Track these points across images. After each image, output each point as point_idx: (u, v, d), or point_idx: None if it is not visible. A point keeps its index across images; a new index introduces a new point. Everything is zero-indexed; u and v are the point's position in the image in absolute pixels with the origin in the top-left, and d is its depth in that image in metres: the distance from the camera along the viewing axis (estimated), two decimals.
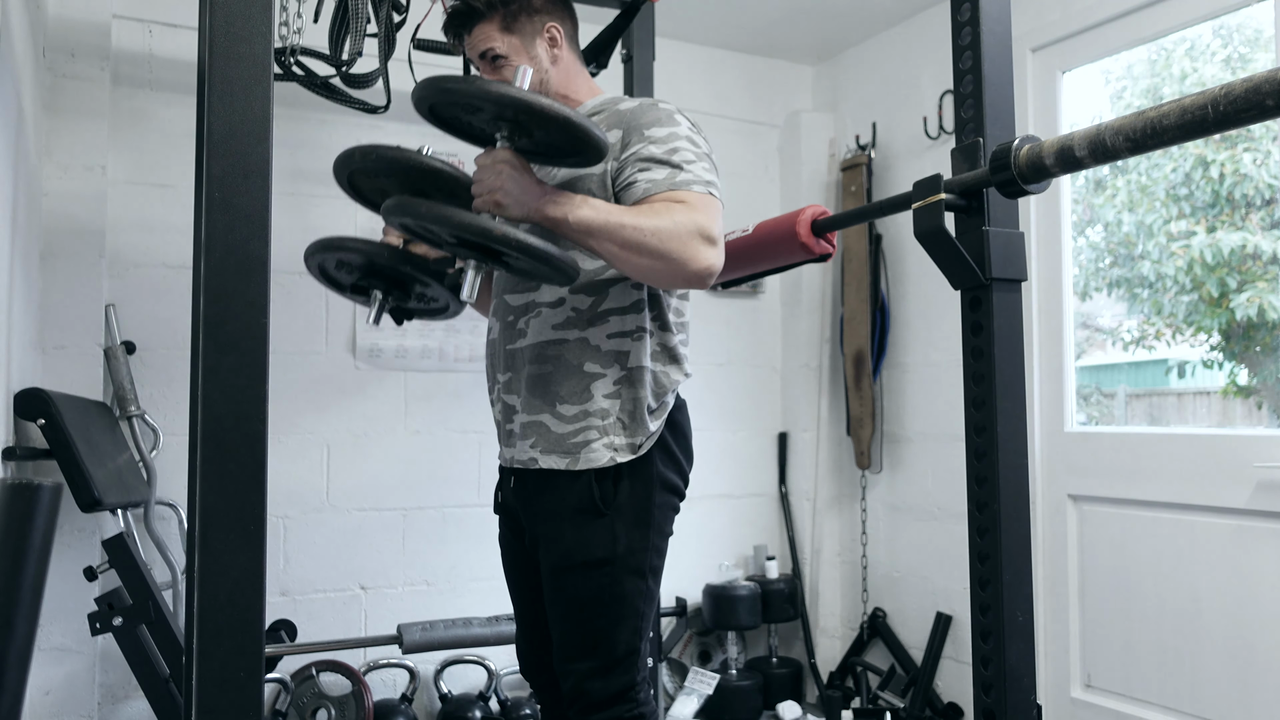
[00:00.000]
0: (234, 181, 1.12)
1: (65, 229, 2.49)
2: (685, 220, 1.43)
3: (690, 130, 1.56)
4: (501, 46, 1.65)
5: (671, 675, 3.38)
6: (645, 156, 1.51)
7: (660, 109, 1.56)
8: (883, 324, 3.45)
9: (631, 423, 1.58)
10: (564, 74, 1.71)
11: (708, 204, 1.48)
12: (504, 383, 1.67)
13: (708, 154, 1.56)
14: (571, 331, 1.58)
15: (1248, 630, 2.40)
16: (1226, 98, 1.06)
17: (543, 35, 1.68)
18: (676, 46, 3.58)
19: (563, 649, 1.60)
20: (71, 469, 2.09)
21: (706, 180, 1.51)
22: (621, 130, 1.55)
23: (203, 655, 1.07)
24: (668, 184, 1.48)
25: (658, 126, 1.53)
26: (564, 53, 1.71)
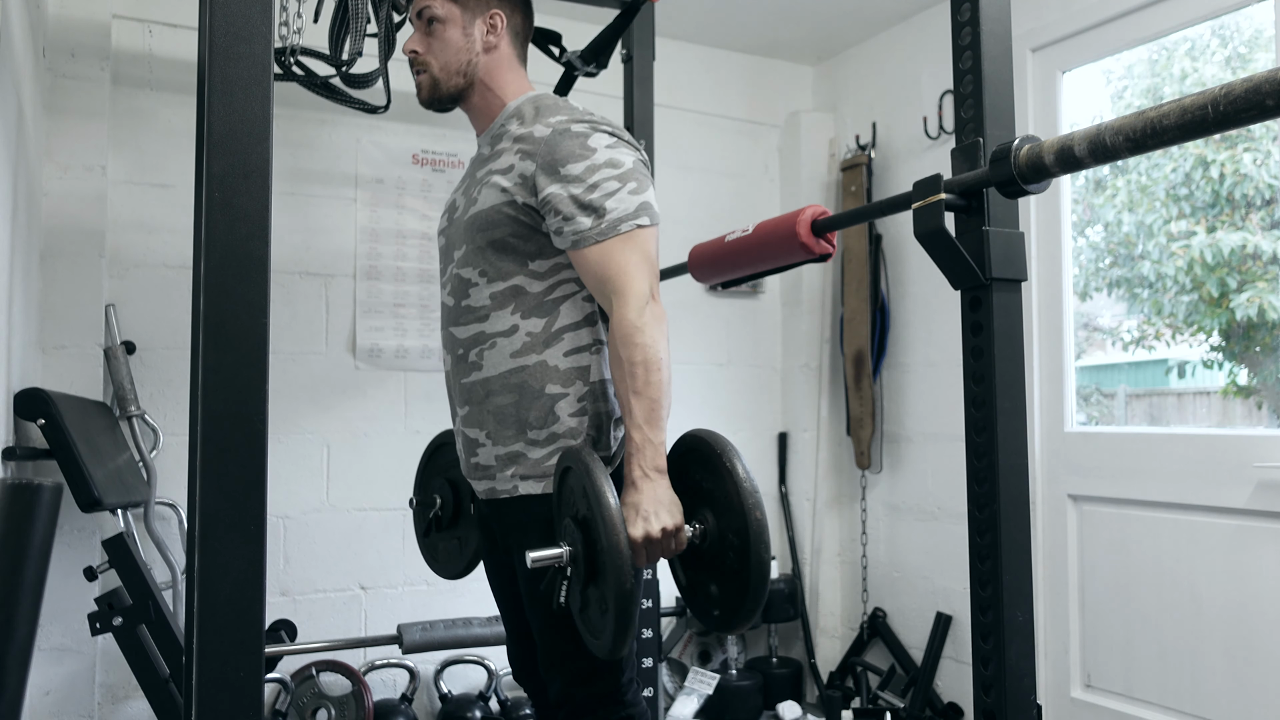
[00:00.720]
0: (234, 181, 1.12)
1: (65, 229, 2.49)
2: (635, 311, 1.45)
3: (610, 147, 1.53)
4: (439, 10, 1.64)
5: (671, 675, 3.38)
6: (565, 201, 1.50)
7: (573, 135, 1.52)
8: (883, 324, 3.45)
9: (600, 435, 1.57)
10: (495, 63, 1.68)
11: (635, 245, 1.49)
12: (463, 416, 1.65)
13: (632, 167, 1.54)
14: (530, 357, 1.56)
15: (1248, 630, 2.39)
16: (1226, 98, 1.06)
17: (485, 18, 1.66)
18: (676, 46, 3.58)
19: (545, 656, 1.60)
20: (71, 469, 2.09)
21: (633, 210, 1.50)
22: (534, 164, 1.53)
23: (203, 655, 1.07)
24: (595, 235, 1.48)
25: (573, 162, 1.50)
26: (501, 43, 1.68)
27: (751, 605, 1.39)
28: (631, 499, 1.40)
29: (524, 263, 1.57)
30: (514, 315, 1.57)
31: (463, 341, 1.63)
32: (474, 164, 1.71)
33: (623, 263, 1.48)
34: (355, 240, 3.02)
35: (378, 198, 3.06)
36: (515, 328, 1.57)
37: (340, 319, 2.99)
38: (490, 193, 1.57)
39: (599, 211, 1.49)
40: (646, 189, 1.54)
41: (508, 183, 1.55)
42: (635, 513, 1.39)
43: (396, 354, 3.06)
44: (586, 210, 1.49)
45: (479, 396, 1.60)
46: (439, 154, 3.16)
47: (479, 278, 1.59)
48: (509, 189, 1.55)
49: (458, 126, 3.11)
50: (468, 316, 1.61)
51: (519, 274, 1.57)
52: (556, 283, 1.58)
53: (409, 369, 3.08)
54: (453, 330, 1.65)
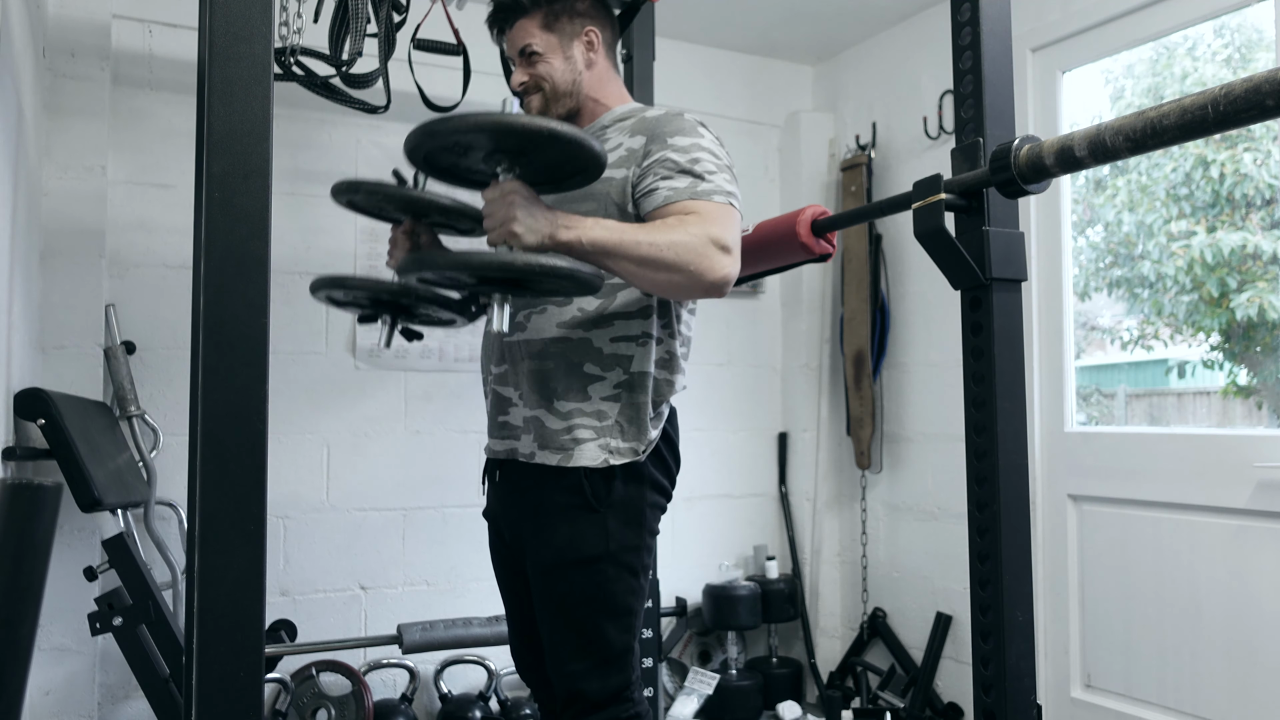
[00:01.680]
0: (234, 181, 1.12)
1: (65, 229, 2.49)
2: (699, 231, 1.44)
3: (713, 143, 1.58)
4: (539, 44, 1.67)
5: (671, 675, 3.38)
6: (667, 164, 1.52)
7: (685, 119, 1.59)
8: (883, 324, 3.45)
9: (631, 428, 1.58)
10: (597, 79, 1.72)
11: (725, 214, 1.50)
12: (498, 374, 1.68)
13: (729, 166, 1.58)
14: (576, 331, 1.58)
15: (1248, 630, 2.39)
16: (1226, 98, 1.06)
17: (581, 38, 1.69)
18: (676, 46, 3.58)
19: (555, 650, 1.60)
20: (71, 469, 2.09)
21: (727, 191, 1.52)
22: (645, 136, 1.57)
23: (203, 655, 1.07)
24: (689, 193, 1.49)
25: (681, 136, 1.55)
26: (600, 58, 1.72)
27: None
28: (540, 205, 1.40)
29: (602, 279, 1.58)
30: None
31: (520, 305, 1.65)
32: None
33: (715, 215, 1.48)
34: (355, 240, 3.02)
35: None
36: (570, 301, 1.59)
37: (340, 319, 2.99)
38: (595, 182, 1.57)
39: (700, 177, 1.51)
40: (737, 188, 1.57)
41: (614, 158, 1.58)
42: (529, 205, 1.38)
43: (396, 354, 3.06)
44: (687, 175, 1.52)
45: (517, 356, 1.63)
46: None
47: None
48: (615, 163, 1.57)
49: None
50: None
51: None
52: None
53: (409, 369, 3.08)
54: None
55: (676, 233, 1.43)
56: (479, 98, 2.74)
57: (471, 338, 3.16)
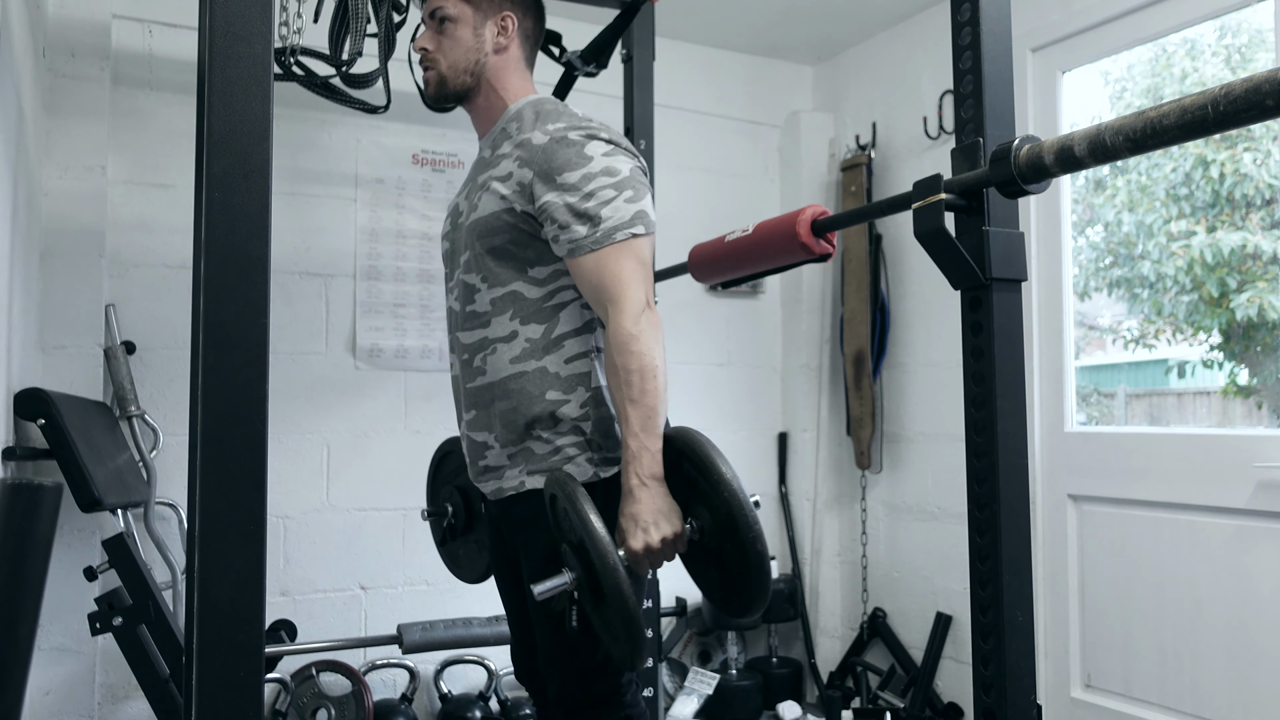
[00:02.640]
0: (234, 181, 1.12)
1: (65, 229, 2.49)
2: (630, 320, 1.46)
3: (606, 155, 1.53)
4: (451, 10, 1.66)
5: (671, 675, 3.38)
6: (560, 211, 1.51)
7: (569, 143, 1.53)
8: (883, 324, 3.45)
9: (607, 440, 1.57)
10: (502, 65, 1.69)
11: (629, 254, 1.49)
12: (469, 420, 1.66)
13: (629, 175, 1.54)
14: (529, 363, 1.57)
15: (1248, 630, 2.39)
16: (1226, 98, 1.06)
17: (496, 20, 1.68)
18: (676, 46, 3.58)
19: (545, 655, 1.61)
20: (71, 469, 2.09)
21: (629, 219, 1.51)
22: (531, 172, 1.53)
23: (203, 655, 1.07)
24: (589, 243, 1.49)
25: (569, 170, 1.51)
26: (511, 45, 1.70)
27: (758, 583, 1.41)
28: (630, 510, 1.42)
29: (523, 269, 1.58)
30: (513, 321, 1.58)
31: (468, 346, 1.64)
32: (475, 167, 1.72)
33: (616, 271, 1.48)
34: (355, 240, 3.02)
35: (378, 198, 3.06)
36: (515, 333, 1.58)
37: (340, 319, 2.99)
38: (490, 199, 1.58)
39: (594, 220, 1.49)
40: (643, 197, 1.54)
41: (506, 190, 1.56)
42: (634, 524, 1.40)
43: (396, 354, 3.06)
44: (582, 219, 1.50)
45: (485, 401, 1.62)
46: (439, 154, 3.16)
47: (480, 283, 1.60)
48: (507, 196, 1.55)
49: (458, 126, 3.11)
50: (472, 322, 1.63)
51: (517, 280, 1.57)
52: (555, 289, 1.58)
53: (409, 369, 3.08)
54: (459, 335, 1.67)
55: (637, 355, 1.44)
56: None
57: None
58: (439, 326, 3.11)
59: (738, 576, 1.44)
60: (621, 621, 1.35)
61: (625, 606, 1.34)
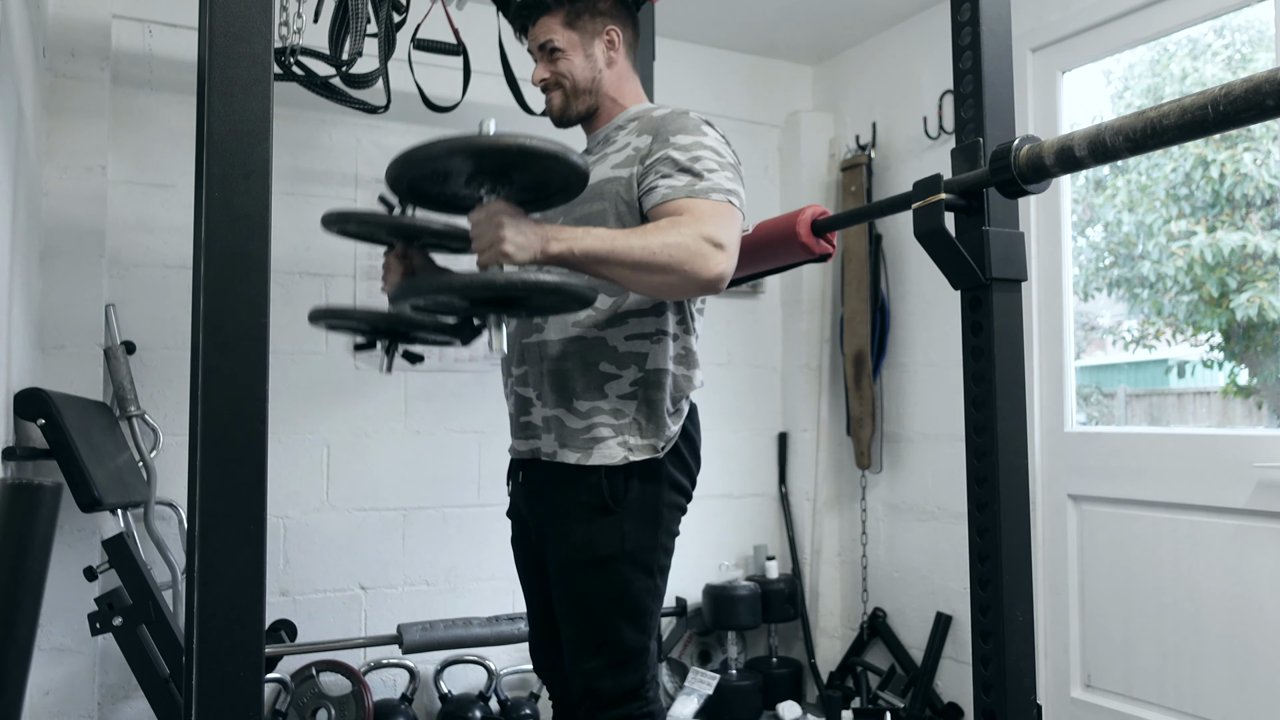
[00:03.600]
0: (234, 181, 1.12)
1: (65, 229, 2.49)
2: (691, 230, 1.44)
3: (717, 141, 1.59)
4: (560, 40, 1.70)
5: (671, 675, 3.38)
6: (668, 162, 1.54)
7: (690, 117, 1.60)
8: (883, 324, 3.45)
9: (649, 424, 1.59)
10: (616, 77, 1.75)
11: (721, 211, 1.50)
12: (518, 376, 1.69)
13: (733, 164, 1.59)
14: (591, 331, 1.60)
15: (1248, 630, 2.39)
16: (1226, 98, 1.06)
17: (602, 36, 1.72)
18: (676, 46, 3.58)
19: (572, 648, 1.61)
20: (71, 469, 2.09)
21: (727, 189, 1.53)
22: (650, 135, 1.59)
23: (203, 655, 1.07)
24: (686, 191, 1.50)
25: (684, 134, 1.56)
26: (620, 58, 1.75)
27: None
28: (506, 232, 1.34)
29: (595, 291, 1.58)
30: None
31: None
32: None
33: (711, 213, 1.48)
34: (355, 240, 3.02)
35: (378, 198, 3.06)
36: None
37: None
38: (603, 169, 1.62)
39: (699, 176, 1.52)
40: (740, 185, 1.58)
41: (621, 157, 1.61)
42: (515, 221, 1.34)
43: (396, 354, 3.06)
44: (686, 173, 1.53)
45: (535, 358, 1.64)
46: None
47: None
48: (622, 163, 1.60)
49: (458, 127, 3.09)
50: None
51: None
52: None
53: (409, 369, 3.08)
54: None
55: (668, 234, 1.43)
56: (479, 98, 2.74)
57: None
58: None
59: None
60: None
61: None
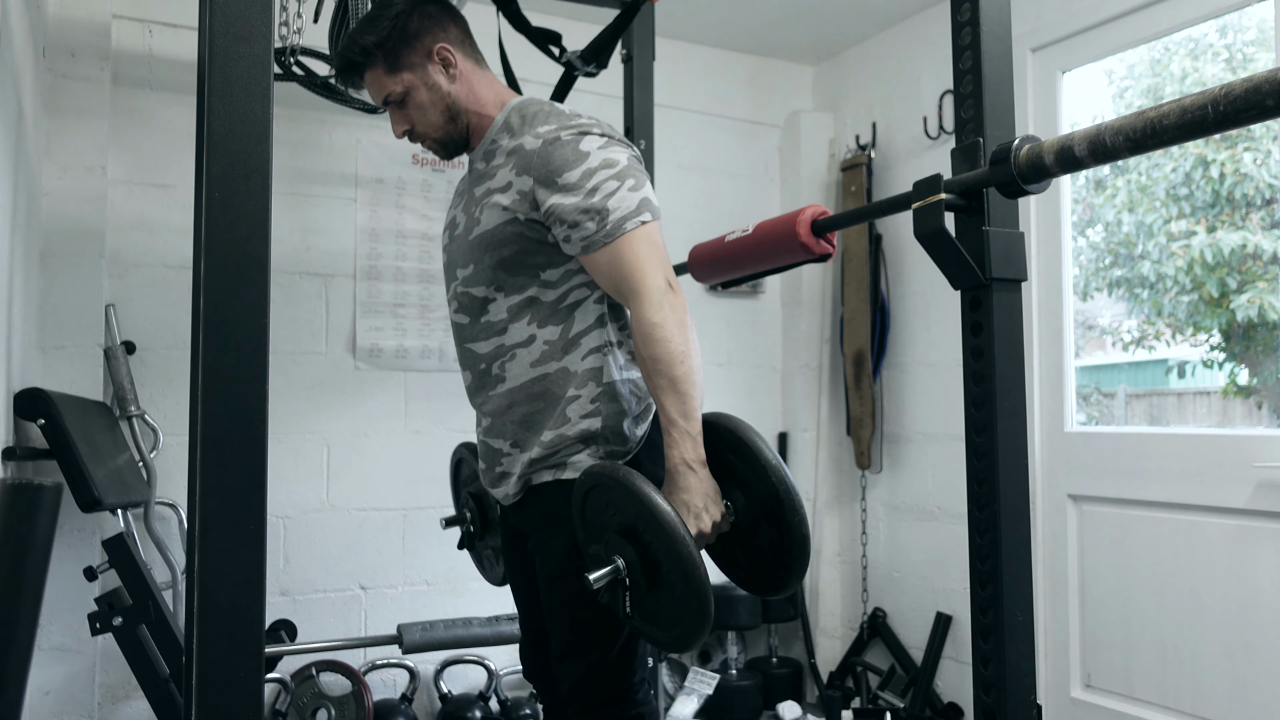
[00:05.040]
0: (234, 181, 1.12)
1: (65, 229, 2.49)
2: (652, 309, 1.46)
3: (603, 147, 1.53)
4: (398, 87, 1.63)
5: (671, 675, 3.38)
6: (570, 210, 1.50)
7: (563, 143, 1.52)
8: (883, 324, 3.45)
9: (615, 436, 1.58)
10: (467, 88, 1.66)
11: (642, 242, 1.50)
12: (485, 428, 1.67)
13: (627, 165, 1.54)
14: (550, 364, 1.58)
15: (1248, 630, 2.39)
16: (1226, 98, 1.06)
17: (433, 59, 1.63)
18: (676, 46, 3.58)
19: (559, 650, 1.61)
20: (71, 469, 2.09)
21: (635, 207, 1.50)
22: (531, 179, 1.52)
23: (203, 655, 1.07)
24: (602, 238, 1.49)
25: (568, 170, 1.50)
26: (461, 64, 1.65)
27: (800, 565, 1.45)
28: (681, 496, 1.43)
29: (535, 274, 1.58)
30: (530, 325, 1.58)
31: (483, 356, 1.64)
32: (470, 180, 1.71)
33: (633, 260, 1.49)
34: (355, 240, 3.02)
35: (378, 198, 3.06)
36: (533, 337, 1.58)
37: (340, 319, 2.99)
38: (492, 212, 1.58)
39: (602, 214, 1.49)
40: (644, 184, 1.54)
41: (507, 200, 1.55)
42: (687, 510, 1.42)
43: (396, 354, 3.06)
44: (589, 214, 1.50)
45: (502, 408, 1.62)
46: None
47: (495, 293, 1.60)
48: (510, 206, 1.55)
49: None
50: (486, 332, 1.63)
51: (532, 285, 1.58)
52: (569, 289, 1.59)
53: (409, 369, 3.08)
54: (470, 347, 1.67)
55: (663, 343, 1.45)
56: None
57: None
58: (439, 326, 3.11)
59: (773, 556, 1.47)
60: (694, 597, 1.35)
61: (700, 582, 1.34)
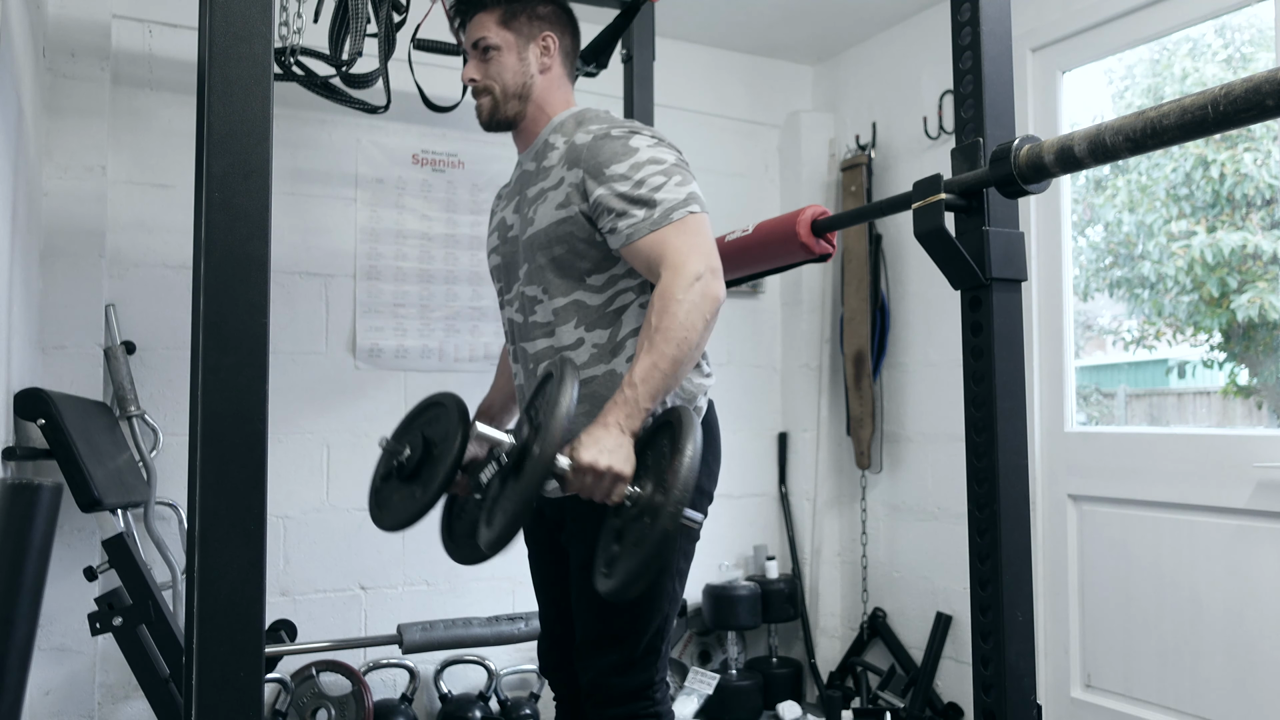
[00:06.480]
0: (234, 181, 1.12)
1: (65, 229, 2.49)
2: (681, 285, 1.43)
3: (651, 145, 1.56)
4: (495, 39, 1.68)
5: (671, 675, 3.38)
6: (615, 201, 1.51)
7: (613, 138, 1.56)
8: (883, 324, 3.45)
9: None
10: (548, 85, 1.72)
11: (687, 230, 1.49)
12: None
13: (676, 163, 1.56)
14: (599, 367, 1.59)
15: (1248, 630, 2.39)
16: (1226, 98, 1.06)
17: (538, 41, 1.70)
18: (676, 46, 3.58)
19: (585, 643, 1.62)
20: (71, 469, 2.09)
21: (683, 199, 1.51)
22: (581, 170, 1.55)
23: (203, 655, 1.07)
24: (648, 225, 1.49)
25: (616, 162, 1.53)
26: (554, 64, 1.73)
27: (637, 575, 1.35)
28: (596, 433, 1.39)
29: (581, 279, 1.60)
30: (578, 329, 1.60)
31: (533, 356, 1.66)
32: (520, 181, 1.74)
33: (677, 244, 1.48)
34: (355, 240, 3.02)
35: (378, 198, 3.06)
36: (581, 340, 1.60)
37: (340, 319, 2.99)
38: (546, 210, 1.60)
39: (650, 204, 1.50)
40: (691, 182, 1.56)
41: (561, 196, 1.58)
42: (595, 444, 1.37)
43: (396, 354, 3.06)
44: (637, 204, 1.51)
45: None
46: (439, 154, 3.16)
47: (542, 294, 1.63)
48: (563, 203, 1.58)
49: (458, 127, 3.10)
50: (536, 331, 1.65)
51: (578, 289, 1.60)
52: (615, 294, 1.60)
53: (409, 369, 3.08)
54: (524, 345, 1.69)
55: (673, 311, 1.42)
56: None
57: (471, 337, 3.16)
58: (439, 326, 3.11)
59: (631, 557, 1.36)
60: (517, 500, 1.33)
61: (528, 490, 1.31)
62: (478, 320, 3.16)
